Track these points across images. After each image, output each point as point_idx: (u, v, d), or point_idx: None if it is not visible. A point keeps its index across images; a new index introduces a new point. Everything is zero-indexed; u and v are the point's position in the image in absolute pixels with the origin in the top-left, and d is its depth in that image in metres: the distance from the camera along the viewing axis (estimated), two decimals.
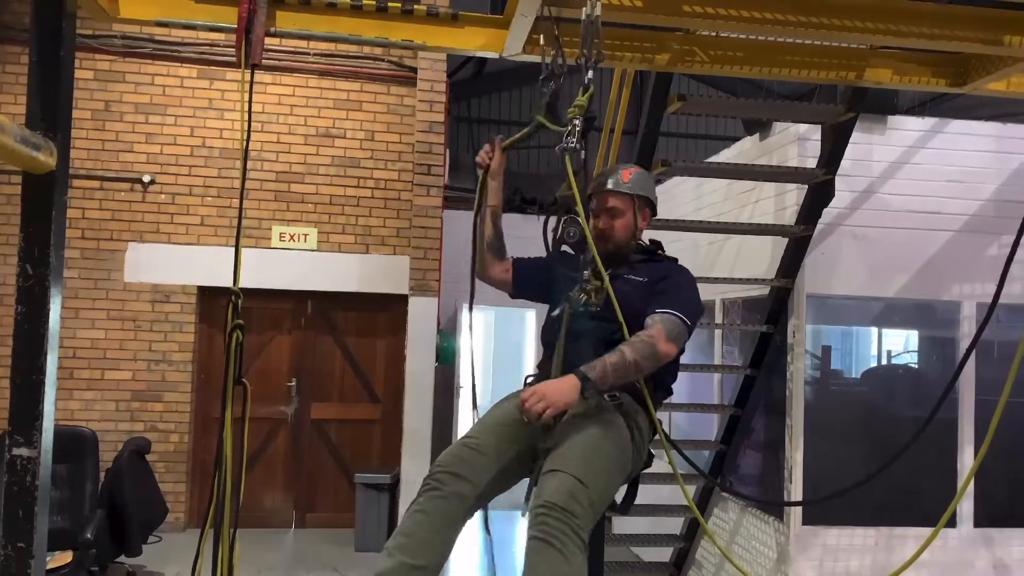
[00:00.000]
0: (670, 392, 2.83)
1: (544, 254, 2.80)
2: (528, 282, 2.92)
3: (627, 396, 2.59)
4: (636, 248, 2.87)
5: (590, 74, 2.49)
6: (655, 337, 2.48)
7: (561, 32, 2.79)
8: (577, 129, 2.45)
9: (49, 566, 4.62)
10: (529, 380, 2.72)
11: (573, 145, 2.45)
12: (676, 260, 2.91)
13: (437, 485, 2.35)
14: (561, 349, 2.54)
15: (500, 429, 2.51)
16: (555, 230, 2.66)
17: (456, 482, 2.35)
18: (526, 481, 2.56)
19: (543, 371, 2.69)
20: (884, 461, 5.27)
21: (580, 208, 2.44)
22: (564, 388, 2.37)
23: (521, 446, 2.50)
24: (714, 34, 3.47)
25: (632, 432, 2.55)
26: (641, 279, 2.72)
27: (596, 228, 2.73)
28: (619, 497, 2.73)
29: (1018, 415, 5.41)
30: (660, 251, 2.92)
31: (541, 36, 2.82)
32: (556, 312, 2.58)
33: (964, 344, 5.28)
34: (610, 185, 2.79)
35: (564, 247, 2.63)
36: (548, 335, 2.74)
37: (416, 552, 2.29)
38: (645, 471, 2.78)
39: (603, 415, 2.51)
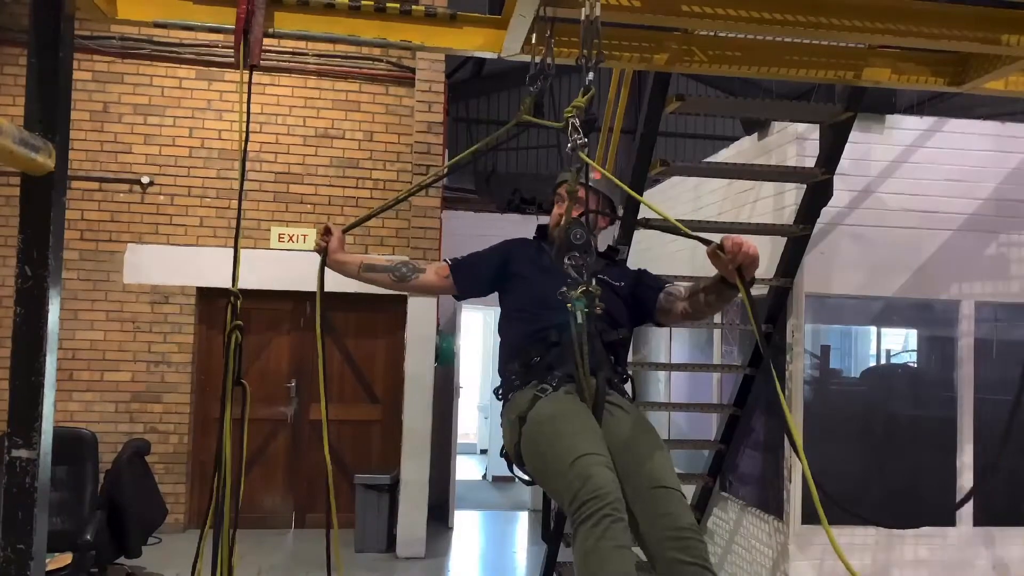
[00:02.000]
0: None
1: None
2: (473, 283, 3.00)
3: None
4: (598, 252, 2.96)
5: (591, 75, 2.49)
6: None
7: (556, 32, 2.80)
8: (577, 127, 2.47)
9: (49, 567, 4.61)
10: (533, 382, 2.68)
11: (582, 140, 2.47)
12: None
13: (618, 516, 2.18)
14: (586, 349, 2.43)
15: (599, 437, 2.39)
16: (558, 230, 2.67)
17: (624, 509, 2.22)
18: (520, 484, 2.57)
19: (551, 371, 2.66)
20: (882, 460, 5.29)
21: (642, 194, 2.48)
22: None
23: None
24: (712, 34, 3.47)
25: None
26: (618, 283, 2.84)
27: (562, 216, 2.70)
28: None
29: (1018, 414, 5.42)
30: (618, 256, 3.08)
31: (534, 36, 2.83)
32: (579, 319, 2.45)
33: (963, 343, 5.29)
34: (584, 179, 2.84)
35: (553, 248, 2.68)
36: (542, 335, 2.72)
37: None
38: None
39: (644, 420, 2.60)
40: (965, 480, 5.19)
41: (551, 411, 2.51)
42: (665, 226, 2.40)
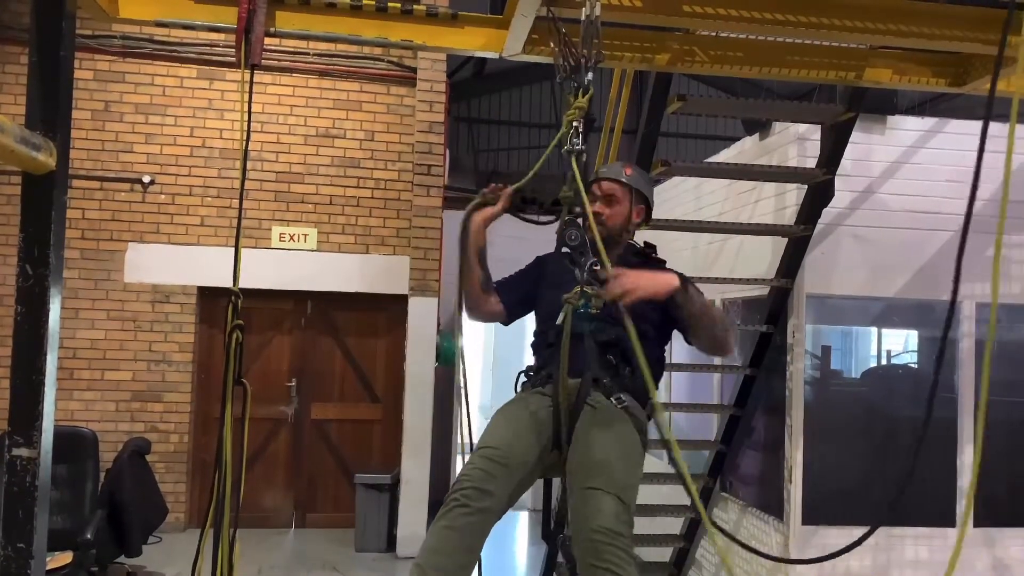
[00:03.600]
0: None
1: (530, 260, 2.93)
2: (517, 303, 2.92)
3: (630, 398, 2.61)
4: (632, 249, 2.88)
5: (590, 75, 2.50)
6: (733, 329, 2.54)
7: (562, 31, 2.79)
8: (579, 130, 2.48)
9: (49, 566, 4.61)
10: (523, 381, 2.78)
11: (579, 147, 2.47)
12: (665, 262, 2.91)
13: (466, 502, 2.34)
14: (566, 349, 2.52)
15: (521, 437, 2.52)
16: (557, 233, 2.67)
17: (483, 498, 2.35)
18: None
19: (539, 372, 2.71)
20: (884, 461, 5.28)
21: (587, 206, 2.45)
22: (659, 279, 2.41)
23: (540, 451, 2.53)
24: (714, 34, 3.47)
25: (641, 437, 2.58)
26: None
27: (592, 212, 2.69)
28: None
29: (1017, 415, 5.42)
30: (654, 254, 2.93)
31: (550, 42, 2.81)
32: (559, 320, 2.57)
33: (964, 344, 5.28)
34: (610, 174, 2.84)
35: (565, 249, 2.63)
36: (543, 337, 2.76)
37: (449, 569, 2.34)
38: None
39: (618, 423, 2.54)
40: (965, 481, 5.18)
41: (502, 409, 2.65)
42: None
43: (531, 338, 2.89)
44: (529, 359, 2.88)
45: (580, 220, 2.51)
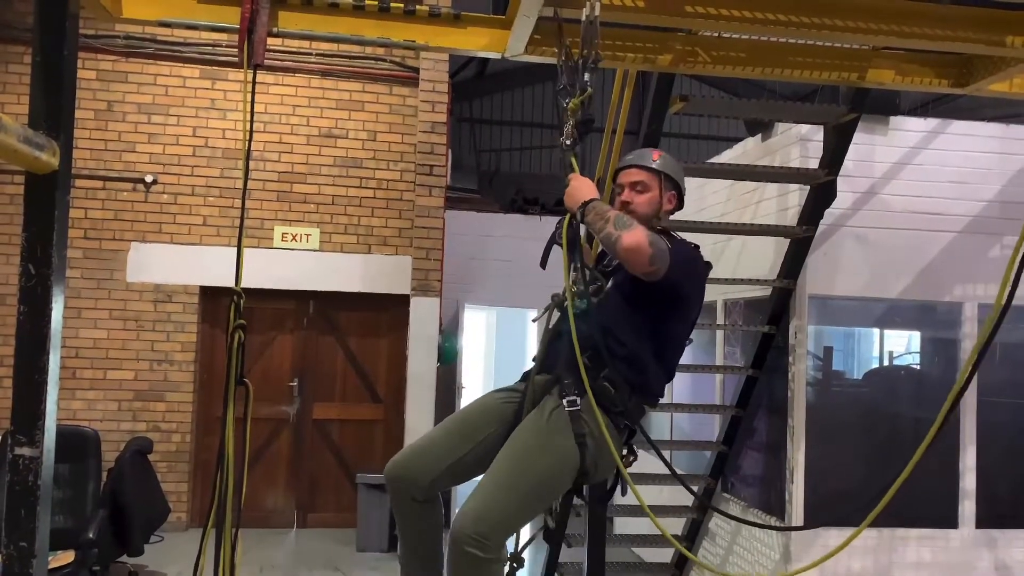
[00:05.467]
0: (654, 398, 2.71)
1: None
2: None
3: (586, 401, 2.47)
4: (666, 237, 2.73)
5: (587, 76, 2.51)
6: (637, 225, 2.44)
7: (565, 34, 2.80)
8: (574, 129, 2.50)
9: (51, 566, 4.61)
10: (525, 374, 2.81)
11: (568, 144, 2.54)
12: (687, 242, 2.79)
13: (393, 486, 2.59)
14: (544, 346, 2.64)
15: (459, 426, 2.65)
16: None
17: (394, 480, 2.58)
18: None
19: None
20: (885, 462, 5.28)
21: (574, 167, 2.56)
22: (576, 197, 2.52)
23: (482, 445, 2.59)
24: (716, 35, 3.47)
25: (583, 439, 2.47)
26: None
27: (619, 202, 2.71)
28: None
29: (1019, 416, 5.42)
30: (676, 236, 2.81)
31: (553, 41, 2.81)
32: (535, 316, 2.70)
33: (966, 345, 5.28)
34: (637, 160, 2.77)
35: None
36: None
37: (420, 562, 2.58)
38: (640, 472, 2.76)
39: (548, 422, 2.50)
40: (967, 482, 5.18)
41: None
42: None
43: (531, 339, 2.96)
44: (529, 359, 2.90)
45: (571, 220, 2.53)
